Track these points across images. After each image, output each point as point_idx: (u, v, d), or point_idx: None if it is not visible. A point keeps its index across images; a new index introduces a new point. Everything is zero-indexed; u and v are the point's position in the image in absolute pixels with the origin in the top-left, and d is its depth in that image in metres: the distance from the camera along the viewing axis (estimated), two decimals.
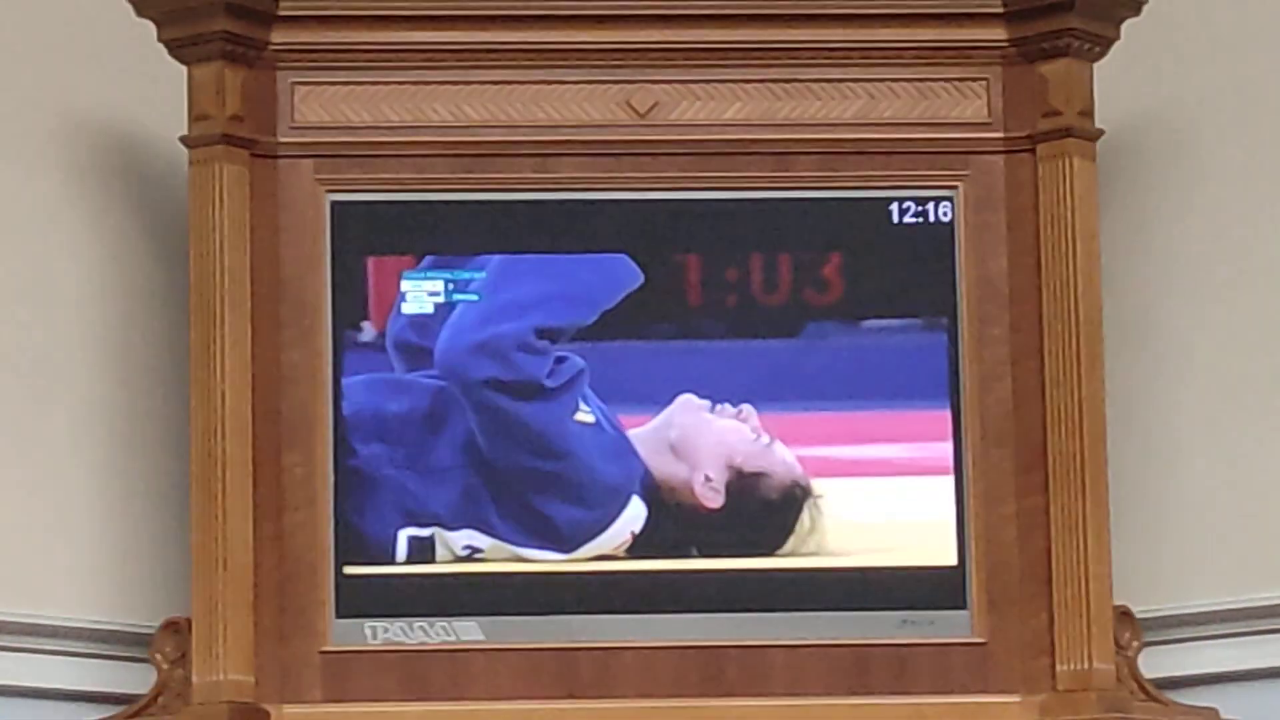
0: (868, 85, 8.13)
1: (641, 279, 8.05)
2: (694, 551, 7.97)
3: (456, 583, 8.00)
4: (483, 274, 8.11)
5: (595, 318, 8.01)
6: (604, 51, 8.15)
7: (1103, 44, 8.09)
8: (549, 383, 7.94)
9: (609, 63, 8.14)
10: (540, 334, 7.91)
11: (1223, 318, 8.63)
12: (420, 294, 8.00)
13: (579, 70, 8.17)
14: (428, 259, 8.06)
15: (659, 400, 8.02)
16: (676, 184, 8.11)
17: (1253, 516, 8.45)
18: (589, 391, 8.06)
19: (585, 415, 8.08)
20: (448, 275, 8.04)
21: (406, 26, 8.13)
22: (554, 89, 8.10)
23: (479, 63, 8.13)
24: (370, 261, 8.07)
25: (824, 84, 8.19)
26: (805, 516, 7.92)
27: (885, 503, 8.05)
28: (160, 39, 7.86)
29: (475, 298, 8.16)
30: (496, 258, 8.13)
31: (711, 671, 7.83)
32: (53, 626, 8.05)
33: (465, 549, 7.87)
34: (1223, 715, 7.91)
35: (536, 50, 8.14)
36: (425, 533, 7.95)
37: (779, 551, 8.02)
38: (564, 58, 8.14)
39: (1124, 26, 8.14)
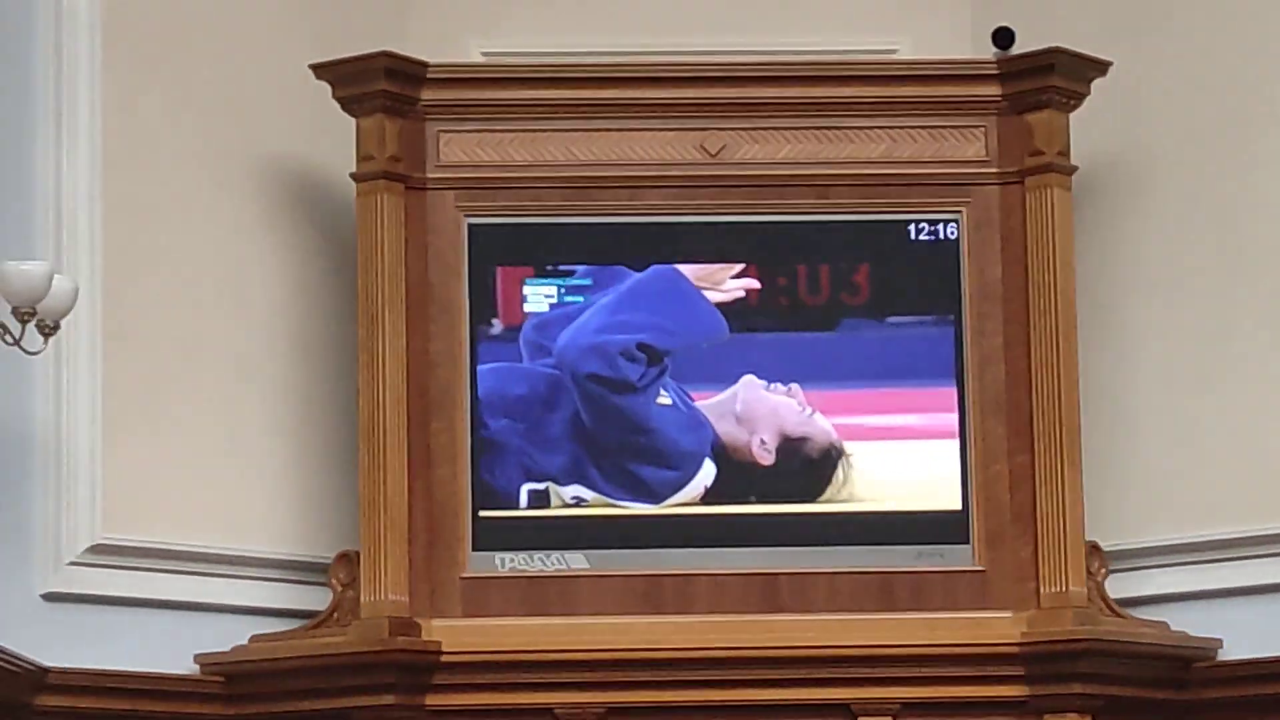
0: (890, 131, 9.60)
1: (727, 335, 9.49)
2: (753, 499, 9.51)
3: (567, 524, 9.55)
4: (588, 281, 9.55)
5: (683, 346, 9.58)
6: (682, 105, 9.70)
7: (1077, 98, 9.52)
8: (638, 383, 9.53)
9: (686, 114, 9.66)
10: (640, 348, 9.44)
11: (1172, 314, 9.95)
12: (539, 297, 9.52)
13: (663, 120, 9.67)
14: (545, 269, 9.57)
15: (726, 380, 9.50)
16: (739, 210, 9.70)
17: (1195, 471, 9.73)
18: (669, 381, 9.58)
19: (664, 399, 9.66)
20: (559, 282, 9.54)
21: (528, 86, 9.68)
22: (643, 135, 9.61)
23: (585, 114, 9.62)
24: (499, 271, 9.55)
25: (855, 130, 9.66)
26: (839, 471, 9.45)
27: (903, 461, 9.60)
28: (334, 97, 9.36)
29: (581, 300, 9.61)
30: (627, 276, 9.50)
31: (767, 593, 9.38)
32: (253, 558, 9.64)
33: (573, 499, 9.45)
34: (1171, 627, 9.39)
35: (629, 104, 9.65)
36: (541, 486, 9.46)
37: (819, 499, 9.54)
38: (651, 110, 9.67)
39: (1094, 84, 9.57)
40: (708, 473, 9.52)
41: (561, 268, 9.67)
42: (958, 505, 9.44)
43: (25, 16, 9.28)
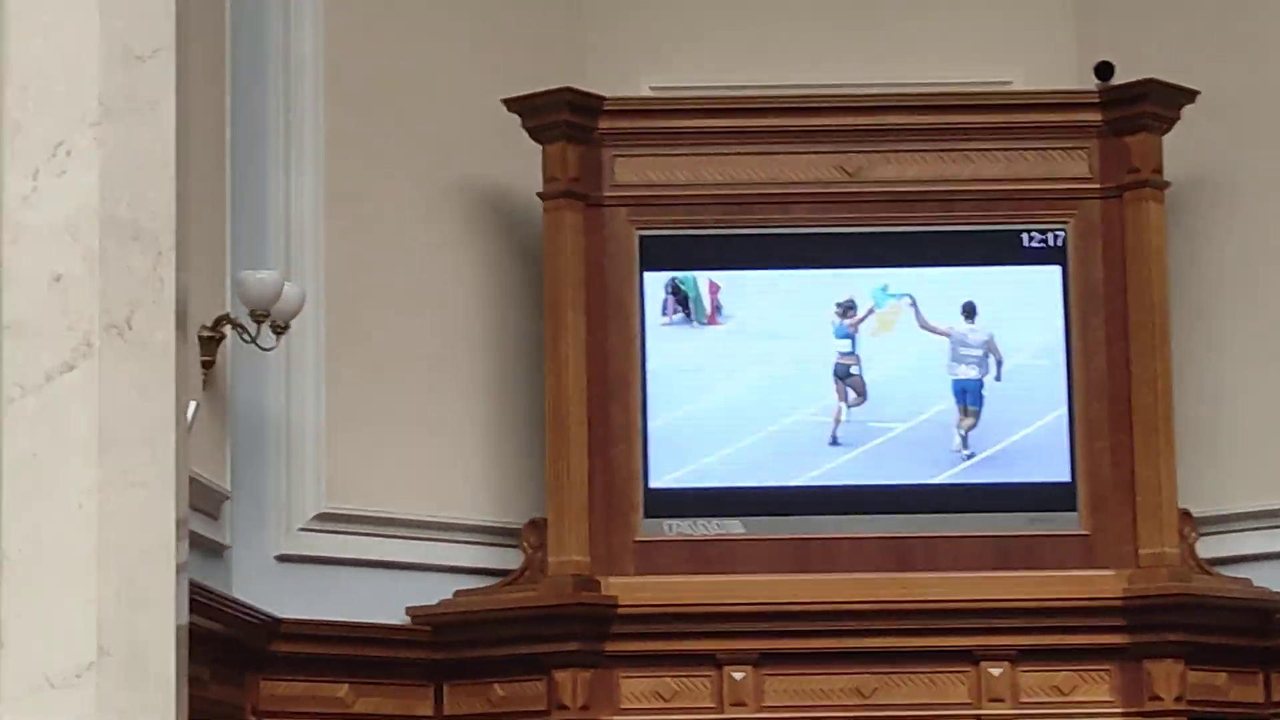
0: (1006, 153, 10.59)
1: None
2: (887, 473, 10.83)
3: (725, 495, 10.54)
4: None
5: None
6: (824, 132, 10.67)
7: (1169, 122, 10.43)
8: None
9: (828, 140, 10.63)
10: None
11: (1256, 308, 10.78)
12: None
13: (807, 144, 10.66)
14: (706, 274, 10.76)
15: None
16: (875, 222, 10.65)
17: (1275, 444, 10.54)
18: None
19: None
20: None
21: (690, 117, 10.79)
22: (791, 158, 10.61)
23: (740, 140, 10.67)
24: (656, 288, 10.71)
25: (975, 152, 10.66)
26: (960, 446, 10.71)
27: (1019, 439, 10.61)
28: (523, 126, 10.41)
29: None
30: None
31: (900, 554, 10.39)
32: (455, 524, 10.78)
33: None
34: (1254, 583, 10.34)
35: (779, 131, 10.68)
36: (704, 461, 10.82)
37: (946, 473, 10.52)
38: (797, 136, 10.69)
39: (1185, 109, 10.45)
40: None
41: (719, 273, 10.59)
42: (1066, 477, 10.36)
43: (258, 60, 10.39)
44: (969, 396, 10.56)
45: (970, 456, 10.50)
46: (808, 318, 10.73)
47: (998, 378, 10.58)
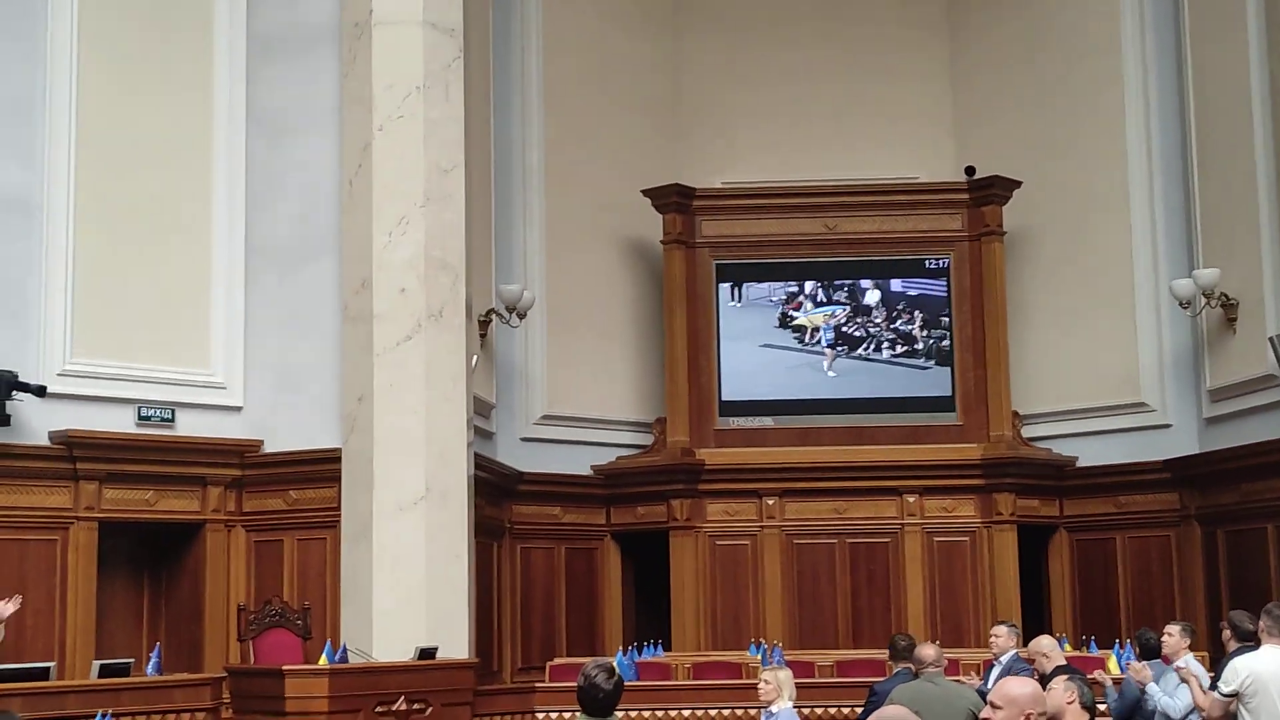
0: (918, 215, 14.33)
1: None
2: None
3: (763, 404, 13.92)
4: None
5: None
6: (815, 205, 14.18)
7: (1005, 199, 14.16)
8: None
9: (817, 209, 14.20)
10: None
11: (1052, 297, 14.38)
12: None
13: (806, 211, 14.28)
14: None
15: None
16: (844, 254, 13.89)
17: (1070, 367, 14.02)
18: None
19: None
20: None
21: (739, 198, 14.43)
22: (797, 219, 14.25)
23: (767, 210, 14.30)
24: (730, 287, 14.22)
25: (901, 214, 14.24)
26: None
27: (909, 378, 14.95)
28: (653, 204, 14.17)
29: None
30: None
31: (858, 436, 13.95)
32: (619, 420, 14.47)
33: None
34: (1053, 451, 13.99)
35: (790, 204, 14.28)
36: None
37: (883, 391, 14.38)
38: (799, 208, 14.38)
39: (1015, 191, 14.01)
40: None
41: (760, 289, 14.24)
42: (949, 392, 14.17)
43: (508, 165, 13.83)
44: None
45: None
46: (806, 306, 14.41)
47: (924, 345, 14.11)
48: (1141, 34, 14.08)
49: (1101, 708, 8.44)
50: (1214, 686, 7.66)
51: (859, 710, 9.38)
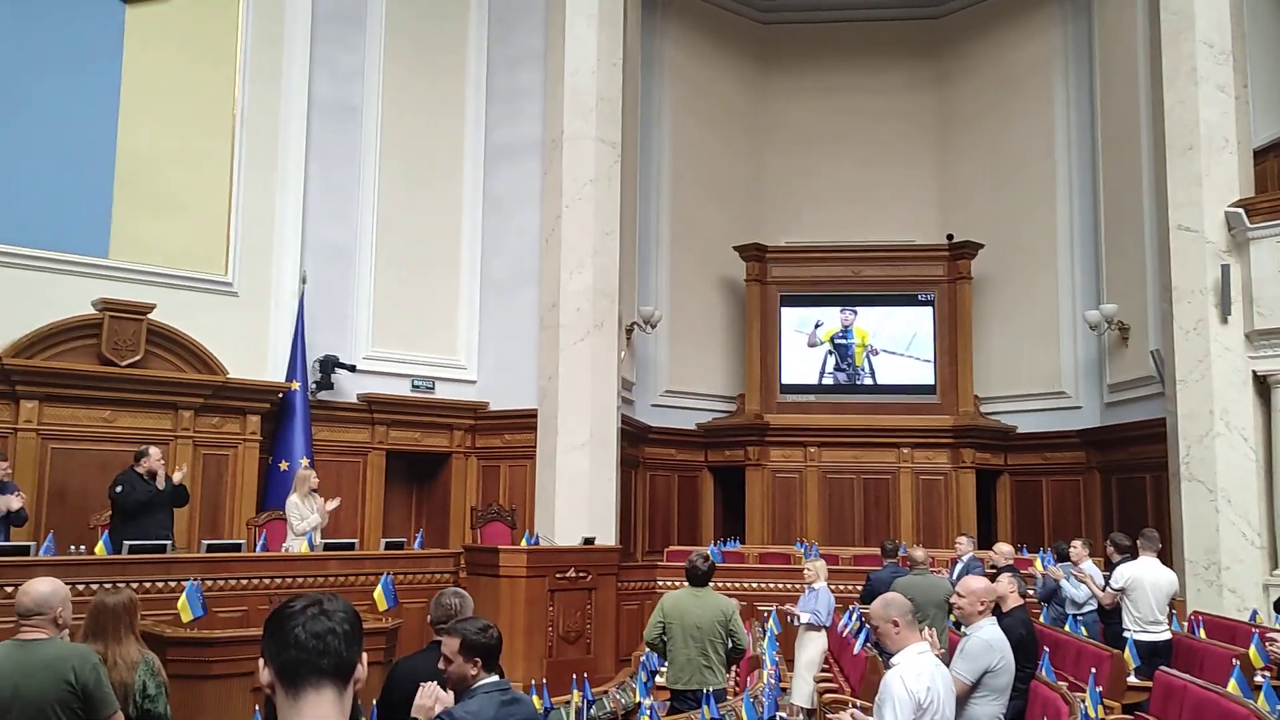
0: (915, 263, 13.87)
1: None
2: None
3: (809, 387, 14.65)
4: (820, 321, 14.34)
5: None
6: (844, 258, 13.78)
7: (974, 255, 13.77)
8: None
9: (846, 260, 13.78)
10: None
11: (1006, 323, 14.04)
12: (798, 320, 14.07)
13: (838, 263, 13.77)
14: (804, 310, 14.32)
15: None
16: (862, 290, 13.74)
17: (1011, 371, 13.80)
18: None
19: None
20: (808, 313, 14.11)
21: (796, 252, 13.98)
22: (833, 266, 13.79)
23: (812, 261, 13.90)
24: (788, 311, 14.32)
25: (902, 262, 13.75)
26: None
27: (910, 368, 15.53)
28: (740, 255, 14.08)
29: (817, 324, 14.95)
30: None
31: (873, 409, 13.77)
32: (712, 394, 14.17)
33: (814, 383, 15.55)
34: (1001, 421, 13.60)
35: (827, 258, 13.83)
36: (802, 381, 15.59)
37: (889, 380, 15.28)
38: (834, 260, 13.77)
39: (980, 250, 13.76)
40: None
41: (809, 312, 14.12)
42: (932, 381, 13.80)
43: (648, 223, 13.66)
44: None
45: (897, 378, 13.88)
46: (829, 328, 14.23)
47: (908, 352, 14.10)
48: (1069, 147, 13.82)
49: (1030, 593, 8.44)
50: (1105, 584, 7.66)
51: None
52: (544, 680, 6.47)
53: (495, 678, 2.96)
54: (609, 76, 11.34)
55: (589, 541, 9.93)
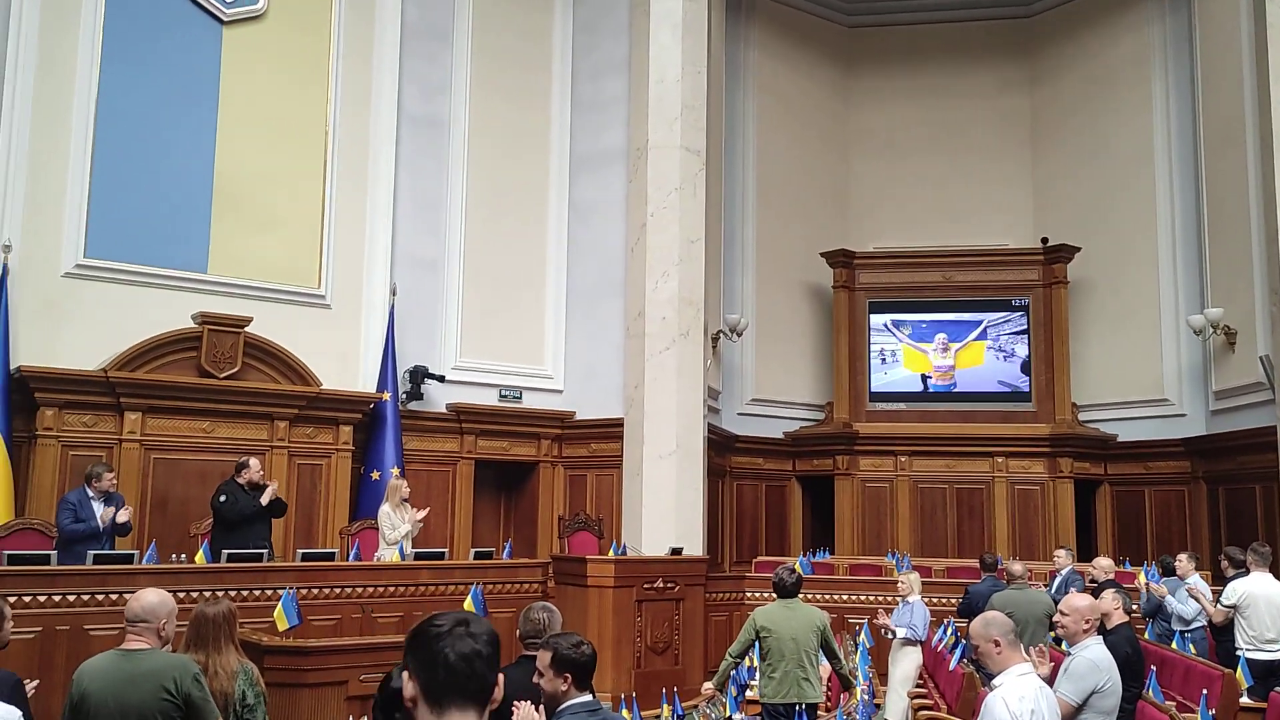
0: (1009, 267, 13.55)
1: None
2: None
3: (898, 395, 13.77)
4: (910, 330, 13.52)
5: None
6: (936, 263, 13.43)
7: (1070, 259, 13.32)
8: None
9: (938, 266, 13.45)
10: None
11: (1106, 325, 13.53)
12: (885, 328, 13.79)
13: (929, 268, 13.42)
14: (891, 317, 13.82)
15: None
16: (958, 296, 13.37)
17: (1117, 364, 13.28)
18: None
19: None
20: (896, 322, 13.81)
21: (883, 259, 13.68)
22: (924, 271, 13.52)
23: (901, 267, 13.67)
24: (875, 318, 13.95)
25: (998, 266, 13.46)
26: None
27: (1012, 378, 14.97)
28: (827, 261, 13.82)
29: (909, 332, 14.03)
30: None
31: (967, 417, 13.29)
32: (802, 402, 13.88)
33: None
34: (1100, 429, 13.18)
35: (917, 263, 13.56)
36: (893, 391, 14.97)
37: (985, 388, 14.24)
38: (924, 265, 13.58)
39: (1077, 253, 13.29)
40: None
41: (898, 319, 13.83)
42: (1027, 389, 13.50)
43: (733, 238, 13.45)
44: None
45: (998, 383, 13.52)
46: (927, 338, 14.02)
47: (1010, 357, 13.66)
48: (1169, 145, 13.32)
49: (1135, 609, 8.07)
50: (1216, 601, 7.34)
51: (959, 600, 9.02)
52: (634, 693, 6.39)
53: (587, 697, 2.89)
54: (693, 84, 11.28)
55: (676, 552, 9.88)
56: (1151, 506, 13.00)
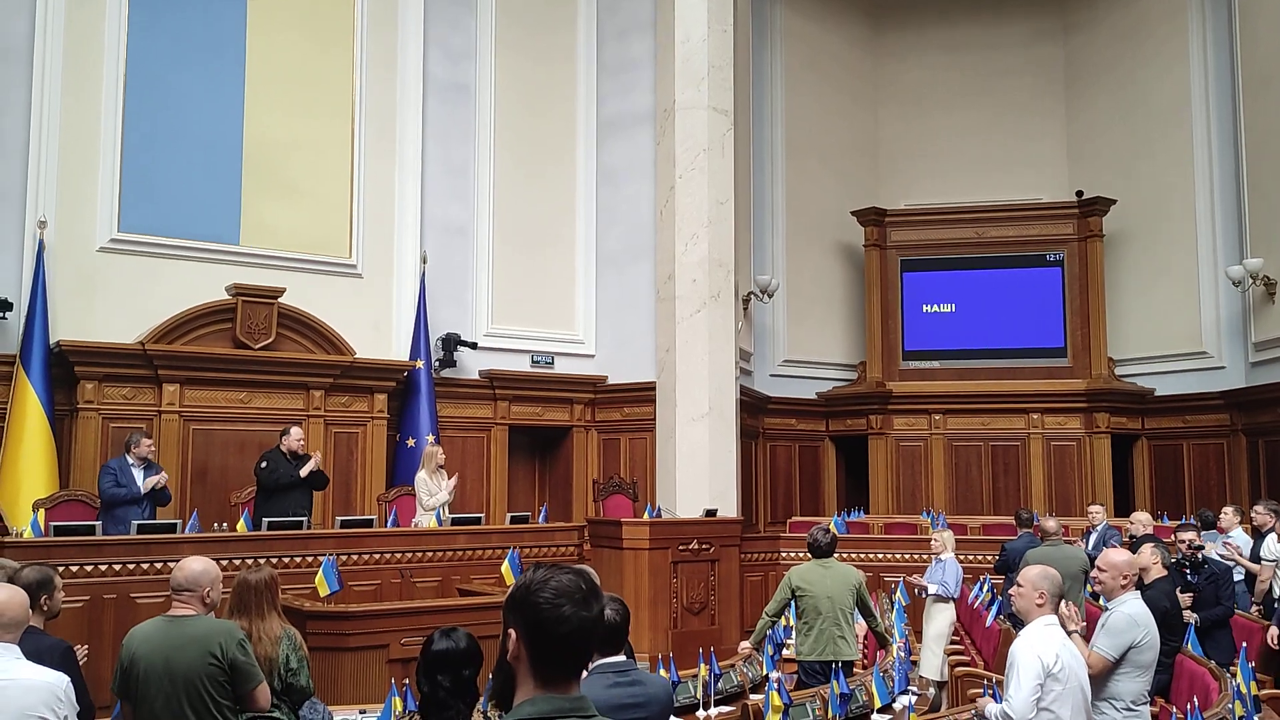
0: (1043, 221, 13.34)
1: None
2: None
3: (932, 354, 13.71)
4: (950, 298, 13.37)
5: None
6: (968, 220, 13.23)
7: (1105, 211, 13.17)
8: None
9: (971, 222, 13.27)
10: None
11: (1141, 284, 13.35)
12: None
13: (961, 225, 13.22)
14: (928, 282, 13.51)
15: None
16: (993, 251, 13.39)
17: (1154, 317, 13.14)
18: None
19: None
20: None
21: (917, 215, 13.60)
22: (956, 228, 13.33)
23: (935, 224, 13.60)
24: (910, 277, 13.77)
25: (1032, 220, 13.32)
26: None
27: (1047, 332, 14.94)
28: (857, 220, 13.74)
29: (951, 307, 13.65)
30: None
31: (998, 374, 13.12)
32: (833, 363, 13.88)
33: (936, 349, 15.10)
34: (1136, 384, 13.00)
35: (951, 220, 13.42)
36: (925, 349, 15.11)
37: (1017, 344, 14.07)
38: (957, 221, 13.37)
39: (1112, 206, 13.11)
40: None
41: (931, 275, 13.65)
42: (1062, 344, 13.34)
43: (761, 201, 13.41)
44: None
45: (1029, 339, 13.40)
46: (962, 294, 13.95)
47: (1045, 312, 13.39)
48: (1206, 94, 13.05)
49: (1173, 562, 7.92)
50: (1254, 556, 7.28)
51: (995, 557, 9.03)
52: (670, 654, 6.46)
53: (617, 658, 2.88)
54: (720, 43, 11.13)
55: (711, 513, 9.88)
56: (1190, 460, 12.87)
